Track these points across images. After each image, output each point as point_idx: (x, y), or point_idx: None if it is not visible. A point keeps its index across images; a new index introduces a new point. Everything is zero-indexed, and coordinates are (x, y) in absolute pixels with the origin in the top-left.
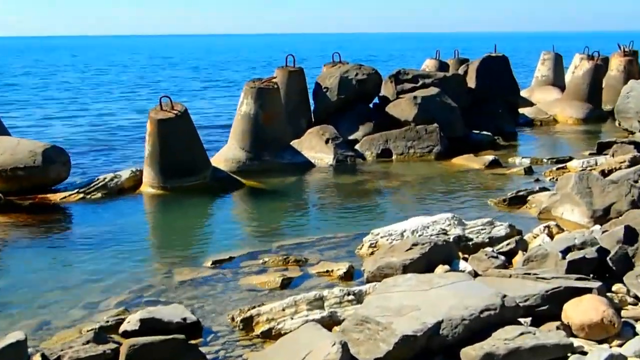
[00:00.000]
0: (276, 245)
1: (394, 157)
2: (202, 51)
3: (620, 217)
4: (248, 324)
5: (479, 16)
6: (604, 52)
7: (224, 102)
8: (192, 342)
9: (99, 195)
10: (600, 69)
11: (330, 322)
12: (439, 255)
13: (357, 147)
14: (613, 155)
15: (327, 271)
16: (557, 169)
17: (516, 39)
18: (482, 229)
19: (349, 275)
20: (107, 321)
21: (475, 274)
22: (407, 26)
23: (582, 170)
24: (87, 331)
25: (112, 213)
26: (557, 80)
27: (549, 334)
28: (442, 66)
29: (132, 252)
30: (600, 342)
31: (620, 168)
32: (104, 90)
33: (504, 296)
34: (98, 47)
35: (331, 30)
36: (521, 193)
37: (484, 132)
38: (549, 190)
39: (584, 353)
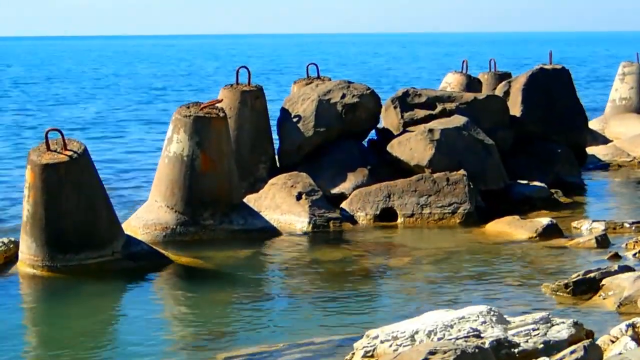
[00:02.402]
0: (222, 357)
1: (400, 220)
2: (124, 57)
3: None
4: None
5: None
6: None
7: (150, 138)
8: None
9: None
10: None
11: None
12: None
13: (344, 205)
14: None
15: None
16: None
17: (582, 42)
18: (533, 329)
19: None
20: None
21: None
22: (416, 25)
23: None
24: None
25: None
26: None
27: None
28: (472, 84)
29: None
30: None
31: None
32: None
33: None
34: None
35: (304, 30)
36: (592, 275)
37: (535, 183)
38: (633, 270)
39: None
